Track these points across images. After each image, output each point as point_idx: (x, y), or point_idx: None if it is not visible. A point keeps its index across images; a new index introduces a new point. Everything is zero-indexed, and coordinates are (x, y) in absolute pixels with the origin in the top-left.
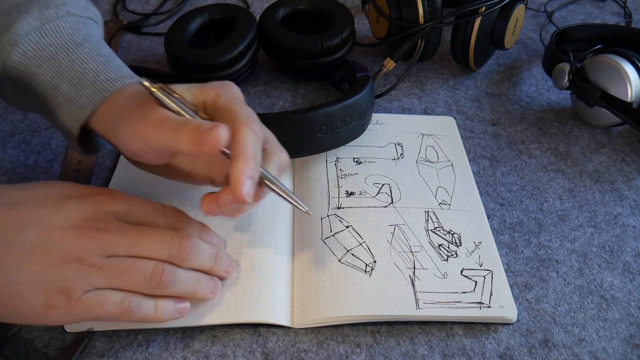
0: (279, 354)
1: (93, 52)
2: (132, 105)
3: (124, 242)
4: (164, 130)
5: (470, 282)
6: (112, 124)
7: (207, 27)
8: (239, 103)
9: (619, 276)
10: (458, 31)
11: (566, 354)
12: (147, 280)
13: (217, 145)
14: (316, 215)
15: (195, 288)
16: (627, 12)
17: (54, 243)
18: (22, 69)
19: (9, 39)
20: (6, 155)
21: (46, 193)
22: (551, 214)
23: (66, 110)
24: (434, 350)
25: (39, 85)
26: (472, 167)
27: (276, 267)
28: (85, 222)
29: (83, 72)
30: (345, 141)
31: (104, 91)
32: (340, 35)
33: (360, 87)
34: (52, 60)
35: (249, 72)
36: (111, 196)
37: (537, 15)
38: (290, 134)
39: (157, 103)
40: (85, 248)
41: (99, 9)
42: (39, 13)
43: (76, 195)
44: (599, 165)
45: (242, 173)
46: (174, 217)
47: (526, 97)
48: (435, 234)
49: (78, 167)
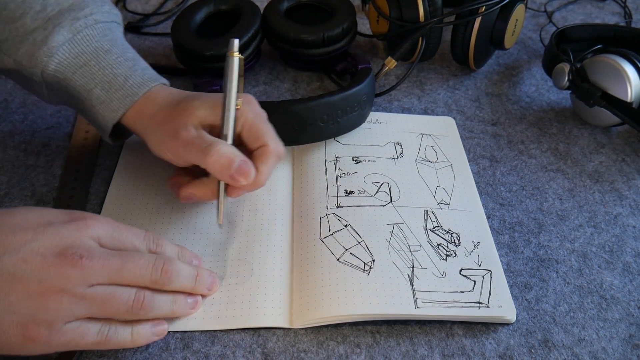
0: (279, 354)
1: (121, 57)
2: (161, 117)
3: (107, 270)
4: (193, 151)
5: (469, 282)
6: (141, 129)
7: (213, 18)
8: (263, 122)
9: (619, 276)
10: (458, 31)
11: (566, 354)
12: (129, 308)
13: (243, 183)
14: (315, 214)
15: (172, 309)
16: (627, 12)
17: (33, 272)
18: (58, 75)
19: (46, 51)
20: (6, 155)
21: (25, 218)
22: (551, 214)
23: (100, 112)
24: (433, 350)
25: (74, 89)
26: (472, 167)
27: (275, 268)
28: (67, 250)
29: (113, 77)
30: (345, 130)
31: (134, 95)
32: (342, 26)
33: (362, 78)
34: (84, 67)
35: (252, 63)
36: (92, 221)
37: (537, 15)
38: (292, 122)
39: (185, 117)
40: (68, 278)
41: None
42: (70, 25)
43: (57, 220)
44: (598, 165)
45: (245, 190)
46: (154, 242)
47: (526, 97)
48: (434, 233)
49: (78, 168)
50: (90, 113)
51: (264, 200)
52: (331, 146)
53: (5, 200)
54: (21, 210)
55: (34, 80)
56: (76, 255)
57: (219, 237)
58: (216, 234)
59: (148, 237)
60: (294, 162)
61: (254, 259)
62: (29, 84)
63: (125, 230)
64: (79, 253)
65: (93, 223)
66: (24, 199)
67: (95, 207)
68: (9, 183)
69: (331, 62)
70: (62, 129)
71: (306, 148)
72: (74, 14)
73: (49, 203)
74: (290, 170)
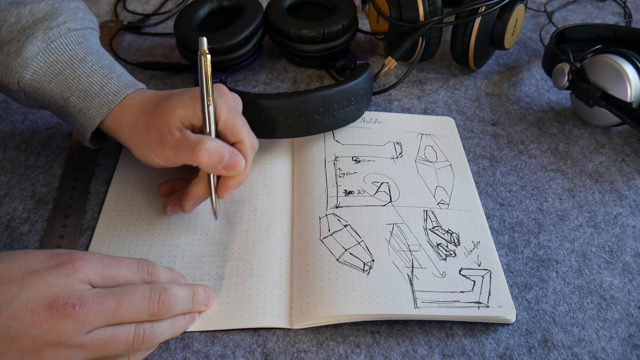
0: (279, 354)
1: (96, 65)
2: (142, 125)
3: (103, 313)
4: (182, 152)
5: (469, 282)
6: (126, 139)
7: (215, 14)
8: (237, 116)
9: (619, 276)
10: (458, 31)
11: (566, 354)
12: (130, 346)
13: (236, 173)
14: (314, 214)
15: (172, 332)
16: (627, 12)
17: (25, 329)
18: (34, 84)
19: (20, 62)
20: (6, 156)
21: (8, 268)
22: (551, 214)
23: (78, 119)
24: (433, 350)
25: (51, 97)
26: (472, 167)
27: (275, 269)
28: (58, 301)
29: (89, 86)
30: (342, 124)
31: (110, 103)
32: (342, 23)
33: (359, 73)
34: (59, 75)
35: (254, 58)
36: (80, 262)
37: (537, 15)
38: (288, 114)
39: (166, 121)
40: (63, 331)
41: (99, 9)
42: (43, 35)
43: (42, 266)
44: (598, 165)
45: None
46: (148, 271)
47: (526, 97)
48: (433, 233)
49: (78, 168)
50: (69, 120)
51: (264, 201)
52: (331, 146)
53: (6, 200)
54: (2, 258)
55: (11, 89)
56: (68, 306)
57: (219, 237)
58: (216, 234)
59: (141, 267)
60: (293, 162)
61: (254, 259)
62: (8, 91)
63: (116, 264)
64: (70, 303)
65: (80, 265)
66: (24, 200)
67: (95, 207)
68: (9, 183)
69: (331, 58)
70: (62, 129)
71: (305, 148)
72: (47, 24)
73: (49, 203)
74: (290, 170)
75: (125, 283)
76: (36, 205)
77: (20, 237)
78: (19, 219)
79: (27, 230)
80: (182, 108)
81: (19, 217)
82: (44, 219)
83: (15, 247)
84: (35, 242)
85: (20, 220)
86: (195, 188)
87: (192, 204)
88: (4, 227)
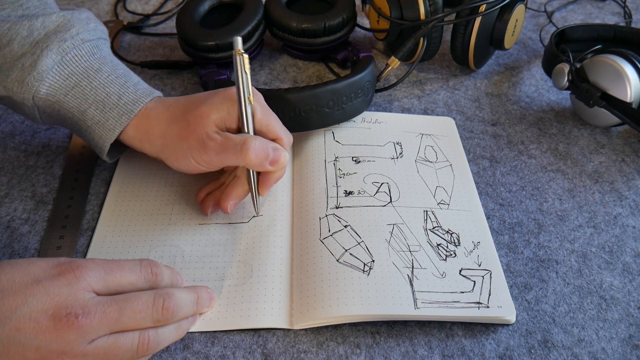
0: (279, 355)
1: (112, 74)
2: (176, 133)
3: (106, 322)
4: (228, 155)
5: (469, 282)
6: (158, 150)
7: (216, 10)
8: (271, 114)
9: (619, 276)
10: (458, 31)
11: (566, 354)
12: (134, 353)
13: (281, 167)
14: (314, 215)
15: (177, 335)
16: (627, 12)
17: (29, 340)
18: (50, 98)
19: (36, 76)
20: (6, 156)
21: (11, 279)
22: (551, 215)
23: (96, 132)
24: (433, 350)
25: (67, 111)
26: (471, 168)
27: (275, 269)
28: (61, 311)
29: (106, 96)
30: (350, 116)
31: (130, 112)
32: (342, 16)
33: (364, 66)
34: (76, 88)
35: (255, 53)
36: (82, 270)
37: (537, 15)
38: (298, 109)
39: (202, 127)
40: (66, 341)
41: (99, 9)
42: (58, 47)
43: (44, 276)
44: (598, 165)
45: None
46: (152, 271)
47: (526, 97)
48: (434, 233)
49: (78, 168)
50: (86, 133)
51: (264, 201)
52: (331, 146)
53: (6, 201)
54: (4, 269)
55: (26, 105)
56: (71, 316)
57: (219, 237)
58: (216, 234)
59: (144, 268)
60: (293, 163)
61: (254, 259)
62: (21, 108)
63: (119, 269)
64: (73, 312)
65: (82, 273)
66: (24, 200)
67: (95, 207)
68: (9, 184)
69: (332, 51)
70: (62, 130)
71: (305, 148)
72: (60, 36)
73: (49, 203)
74: (290, 170)
75: (130, 287)
76: (36, 205)
77: (20, 237)
78: (19, 219)
79: (27, 230)
80: (217, 112)
81: (19, 217)
82: (44, 219)
83: (15, 247)
84: (35, 242)
85: (20, 220)
86: (235, 188)
87: (234, 204)
88: (4, 227)
